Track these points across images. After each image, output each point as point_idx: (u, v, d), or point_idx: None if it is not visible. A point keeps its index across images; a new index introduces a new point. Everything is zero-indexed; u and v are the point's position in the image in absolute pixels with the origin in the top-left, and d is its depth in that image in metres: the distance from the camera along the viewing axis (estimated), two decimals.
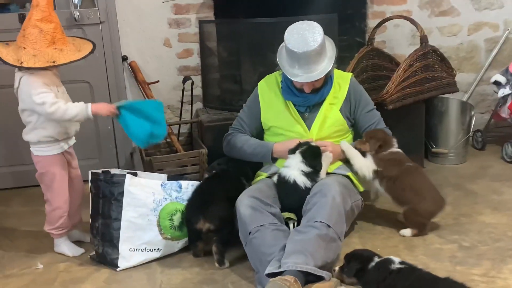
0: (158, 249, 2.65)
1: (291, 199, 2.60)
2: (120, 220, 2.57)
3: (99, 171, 2.71)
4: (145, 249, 2.62)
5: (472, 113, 3.87)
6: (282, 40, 2.69)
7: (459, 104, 3.84)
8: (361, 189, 2.82)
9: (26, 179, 3.69)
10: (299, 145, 2.63)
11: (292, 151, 2.63)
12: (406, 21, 3.69)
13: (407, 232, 2.78)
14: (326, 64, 2.65)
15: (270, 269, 2.25)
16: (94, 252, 2.71)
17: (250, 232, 2.42)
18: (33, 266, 2.70)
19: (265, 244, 2.37)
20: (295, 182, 2.57)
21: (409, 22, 3.65)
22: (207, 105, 4.01)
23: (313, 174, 2.59)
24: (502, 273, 2.38)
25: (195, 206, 2.62)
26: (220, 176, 2.87)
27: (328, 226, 2.35)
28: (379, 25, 3.86)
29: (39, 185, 2.72)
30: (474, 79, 4.35)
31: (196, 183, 2.77)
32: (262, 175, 2.84)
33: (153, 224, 2.60)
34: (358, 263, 2.23)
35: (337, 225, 2.40)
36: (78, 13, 3.64)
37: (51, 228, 2.77)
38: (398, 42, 4.18)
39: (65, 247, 2.81)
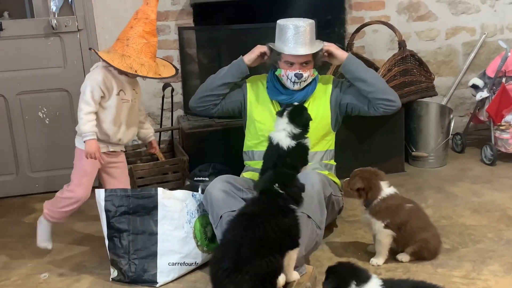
0: (195, 263, 2.57)
1: (271, 159, 2.62)
2: (156, 234, 2.47)
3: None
4: (183, 263, 2.52)
5: (451, 116, 3.91)
6: None
7: (438, 108, 3.88)
8: (339, 183, 2.85)
9: (5, 189, 3.64)
10: (286, 106, 2.70)
11: (280, 113, 2.67)
12: (385, 26, 3.73)
13: (405, 257, 2.55)
14: (316, 46, 2.77)
15: None
16: (116, 274, 2.54)
17: (221, 216, 2.43)
18: (11, 278, 2.65)
19: None
20: (277, 144, 2.60)
21: (388, 27, 3.69)
22: (188, 112, 3.99)
23: (300, 136, 2.61)
24: (482, 275, 2.39)
25: None
26: None
27: (308, 217, 2.37)
28: (358, 30, 3.89)
29: (19, 196, 2.64)
30: (453, 82, 4.40)
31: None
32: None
33: (190, 236, 2.54)
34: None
35: (316, 214, 2.42)
36: (55, 21, 3.60)
37: (49, 207, 2.74)
38: (377, 47, 4.21)
39: (42, 230, 2.77)
